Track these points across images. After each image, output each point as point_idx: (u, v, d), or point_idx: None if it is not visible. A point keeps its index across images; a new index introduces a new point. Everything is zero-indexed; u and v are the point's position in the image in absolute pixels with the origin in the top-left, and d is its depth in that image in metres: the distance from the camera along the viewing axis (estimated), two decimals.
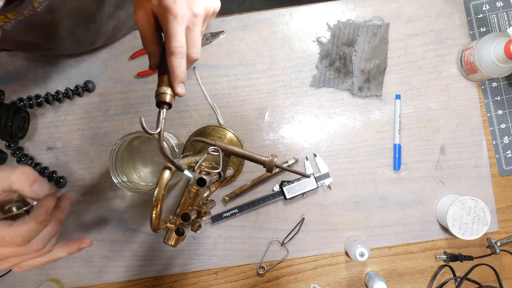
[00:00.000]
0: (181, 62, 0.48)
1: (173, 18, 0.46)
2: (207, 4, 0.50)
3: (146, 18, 0.49)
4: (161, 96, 0.49)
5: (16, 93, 0.80)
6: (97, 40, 0.75)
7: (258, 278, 0.81)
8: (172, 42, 0.47)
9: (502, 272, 0.81)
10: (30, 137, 0.81)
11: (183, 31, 0.47)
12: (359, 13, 0.80)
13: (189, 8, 0.48)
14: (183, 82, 0.49)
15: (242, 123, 0.81)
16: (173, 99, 0.50)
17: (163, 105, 0.49)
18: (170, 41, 0.47)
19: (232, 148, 0.62)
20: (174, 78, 0.48)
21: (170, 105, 0.50)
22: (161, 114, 0.49)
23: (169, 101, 0.49)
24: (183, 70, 0.48)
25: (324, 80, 0.80)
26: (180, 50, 0.47)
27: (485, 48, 0.71)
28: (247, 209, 0.79)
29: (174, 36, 0.47)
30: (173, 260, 0.82)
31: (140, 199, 0.81)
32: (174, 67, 0.48)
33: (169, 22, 0.47)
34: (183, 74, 0.48)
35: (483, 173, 0.80)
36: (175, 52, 0.47)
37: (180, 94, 0.49)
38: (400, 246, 0.81)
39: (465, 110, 0.80)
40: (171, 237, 0.57)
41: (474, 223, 0.74)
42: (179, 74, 0.48)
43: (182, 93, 0.49)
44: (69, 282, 0.81)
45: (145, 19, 0.49)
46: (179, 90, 0.49)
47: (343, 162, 0.81)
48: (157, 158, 0.76)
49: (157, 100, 0.49)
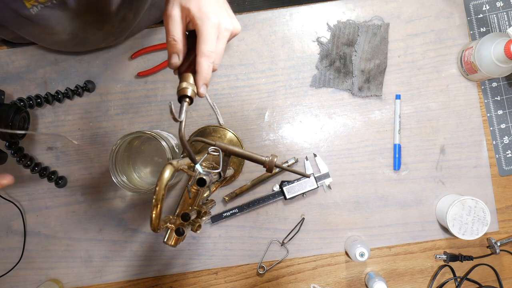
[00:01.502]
0: (210, 65, 0.51)
1: (211, 24, 0.50)
2: (235, 24, 0.55)
3: (181, 17, 0.51)
4: (184, 90, 0.52)
5: (16, 93, 0.80)
6: (102, 42, 0.76)
7: (258, 278, 0.81)
8: (207, 45, 0.50)
9: (502, 272, 0.81)
10: (30, 137, 0.81)
11: (216, 39, 0.51)
12: (359, 13, 0.80)
13: (222, 22, 0.52)
14: (207, 84, 0.52)
15: (242, 123, 0.81)
16: (194, 95, 0.53)
17: (185, 98, 0.52)
18: (205, 43, 0.50)
19: (232, 148, 0.63)
20: (200, 78, 0.51)
21: (192, 100, 0.52)
22: (183, 107, 0.51)
23: (191, 95, 0.52)
24: (209, 72, 0.52)
25: (324, 80, 0.80)
26: (211, 54, 0.51)
27: (485, 48, 0.71)
28: (247, 209, 0.79)
29: (209, 40, 0.50)
30: (173, 260, 0.82)
31: (140, 199, 0.81)
32: (203, 68, 0.51)
33: (207, 27, 0.50)
34: (209, 76, 0.52)
35: (483, 173, 0.80)
36: (207, 55, 0.50)
37: (202, 94, 0.52)
38: (400, 246, 0.81)
39: (465, 110, 0.80)
40: (171, 237, 0.57)
41: (474, 223, 0.74)
42: (206, 75, 0.51)
43: (204, 93, 0.52)
44: (69, 282, 0.81)
45: (179, 17, 0.51)
46: (202, 90, 0.52)
47: (343, 162, 0.81)
48: (157, 158, 0.76)
49: (179, 94, 0.52)
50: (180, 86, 0.52)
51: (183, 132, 0.52)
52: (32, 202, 0.81)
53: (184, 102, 0.52)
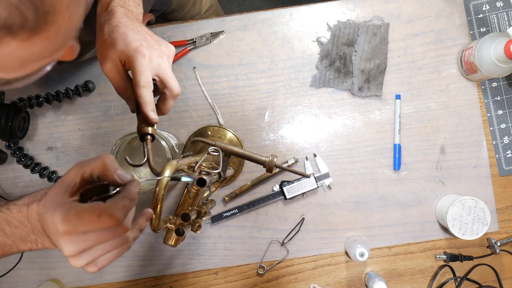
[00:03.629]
0: (150, 94, 0.53)
1: (142, 57, 0.52)
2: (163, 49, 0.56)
3: (116, 68, 0.54)
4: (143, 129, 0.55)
5: (16, 93, 0.80)
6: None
7: (258, 278, 0.81)
8: (142, 77, 0.52)
9: (502, 272, 0.81)
10: (30, 137, 0.80)
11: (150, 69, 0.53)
12: (359, 13, 0.80)
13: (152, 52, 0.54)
14: (154, 110, 0.54)
15: (242, 123, 0.81)
16: (155, 131, 0.56)
17: (145, 136, 0.55)
18: (140, 76, 0.52)
19: (232, 149, 0.63)
20: (145, 106, 0.53)
21: (153, 136, 0.56)
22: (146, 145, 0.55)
23: (151, 132, 0.55)
24: (151, 99, 0.54)
25: (324, 80, 0.80)
26: (148, 85, 0.53)
27: (485, 48, 0.71)
28: (247, 209, 0.79)
29: (143, 71, 0.52)
30: (173, 260, 0.82)
31: (140, 199, 0.81)
32: (145, 97, 0.53)
33: (138, 61, 0.52)
34: (152, 102, 0.54)
35: (483, 173, 0.80)
36: (144, 85, 0.53)
37: (154, 120, 0.55)
38: (400, 246, 0.81)
39: (465, 110, 0.80)
40: (171, 237, 0.57)
41: (474, 223, 0.74)
42: (149, 101, 0.53)
43: (155, 118, 0.55)
44: (69, 282, 0.81)
45: (115, 69, 0.54)
46: (153, 115, 0.54)
47: (343, 162, 0.81)
48: (157, 158, 0.76)
49: (139, 134, 0.55)
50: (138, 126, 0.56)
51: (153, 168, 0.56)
52: None
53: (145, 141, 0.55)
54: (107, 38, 0.53)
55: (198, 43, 0.80)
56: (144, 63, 0.52)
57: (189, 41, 0.80)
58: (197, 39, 0.80)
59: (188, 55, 0.81)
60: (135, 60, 0.52)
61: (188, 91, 0.81)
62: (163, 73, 0.55)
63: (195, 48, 0.80)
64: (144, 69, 0.52)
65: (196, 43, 0.80)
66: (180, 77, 0.81)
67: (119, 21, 0.54)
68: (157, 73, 0.55)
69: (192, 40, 0.80)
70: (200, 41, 0.80)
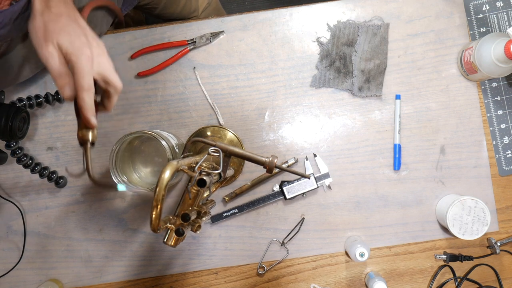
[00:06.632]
0: (92, 97, 0.53)
1: (86, 58, 0.51)
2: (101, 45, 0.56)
3: (57, 52, 0.51)
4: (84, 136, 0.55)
5: (16, 93, 0.80)
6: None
7: (258, 278, 0.81)
8: (85, 80, 0.51)
9: (502, 272, 0.81)
10: (30, 137, 0.81)
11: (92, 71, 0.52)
12: (359, 13, 0.80)
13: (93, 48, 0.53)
14: (94, 114, 0.54)
15: (242, 123, 0.81)
16: (95, 137, 0.56)
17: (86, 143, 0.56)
18: (83, 78, 0.51)
19: (233, 149, 0.63)
20: (87, 111, 0.53)
21: (93, 143, 0.56)
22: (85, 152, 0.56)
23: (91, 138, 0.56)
24: (93, 103, 0.53)
25: (324, 80, 0.80)
26: (90, 88, 0.52)
27: (485, 48, 0.71)
28: (247, 209, 0.79)
29: (86, 74, 0.51)
30: (173, 260, 0.82)
31: (140, 199, 0.81)
32: (87, 101, 0.52)
33: (82, 62, 0.51)
34: (93, 106, 0.54)
35: (483, 173, 0.80)
36: (87, 89, 0.52)
37: (95, 124, 0.55)
38: (400, 246, 0.81)
39: (465, 110, 0.80)
40: (171, 237, 0.57)
41: (474, 223, 0.74)
42: (91, 105, 0.53)
43: (95, 122, 0.55)
44: (69, 282, 0.81)
45: (55, 53, 0.51)
46: (93, 120, 0.54)
47: (343, 162, 0.81)
48: (157, 158, 0.76)
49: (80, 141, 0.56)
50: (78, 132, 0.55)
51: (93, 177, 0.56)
52: (32, 202, 0.81)
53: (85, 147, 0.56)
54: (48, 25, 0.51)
55: (198, 43, 0.80)
56: (88, 65, 0.51)
57: (189, 41, 0.80)
58: (197, 39, 0.80)
59: (188, 55, 0.81)
60: (79, 61, 0.51)
61: (188, 91, 0.81)
62: (105, 72, 0.54)
63: (195, 48, 0.80)
64: (88, 71, 0.51)
65: (196, 43, 0.80)
66: (180, 77, 0.81)
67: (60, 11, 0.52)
68: (99, 72, 0.54)
69: (192, 40, 0.80)
70: (200, 41, 0.80)
